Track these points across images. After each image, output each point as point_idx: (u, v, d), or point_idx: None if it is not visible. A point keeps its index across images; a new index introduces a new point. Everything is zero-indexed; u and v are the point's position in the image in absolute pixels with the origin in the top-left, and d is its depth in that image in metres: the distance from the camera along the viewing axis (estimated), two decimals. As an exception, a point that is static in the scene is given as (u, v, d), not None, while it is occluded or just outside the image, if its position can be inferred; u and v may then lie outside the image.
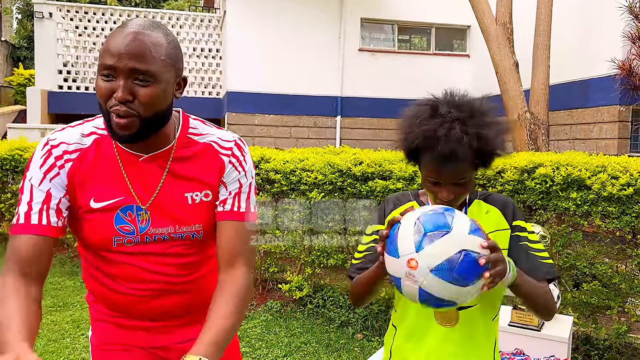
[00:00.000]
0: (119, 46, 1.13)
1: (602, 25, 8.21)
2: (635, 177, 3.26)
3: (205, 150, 1.33)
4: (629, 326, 3.57)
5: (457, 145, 1.29)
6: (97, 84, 1.18)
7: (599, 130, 8.56)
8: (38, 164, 1.23)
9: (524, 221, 1.48)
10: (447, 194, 1.36)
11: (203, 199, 1.31)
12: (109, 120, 1.18)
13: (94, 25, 12.65)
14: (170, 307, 1.34)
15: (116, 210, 1.25)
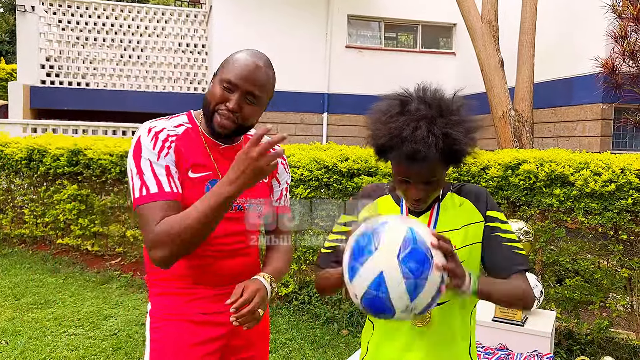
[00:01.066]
0: (246, 71, 1.50)
1: (586, 23, 8.30)
2: (618, 173, 3.30)
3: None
4: (610, 321, 3.62)
5: (422, 145, 1.25)
6: (213, 90, 1.52)
7: (582, 128, 8.66)
8: (150, 146, 1.49)
9: (497, 211, 1.46)
10: (417, 192, 1.35)
11: (263, 180, 1.64)
12: (212, 118, 1.52)
13: (78, 19, 12.47)
14: (234, 268, 1.59)
15: (207, 181, 1.54)
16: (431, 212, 1.45)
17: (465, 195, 1.47)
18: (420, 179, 1.33)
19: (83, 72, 12.25)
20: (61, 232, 6.05)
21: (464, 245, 1.41)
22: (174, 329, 1.56)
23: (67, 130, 10.24)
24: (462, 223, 1.41)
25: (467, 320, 1.47)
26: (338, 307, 4.43)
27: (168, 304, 1.58)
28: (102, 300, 4.74)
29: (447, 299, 1.37)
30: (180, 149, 1.53)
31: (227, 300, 1.40)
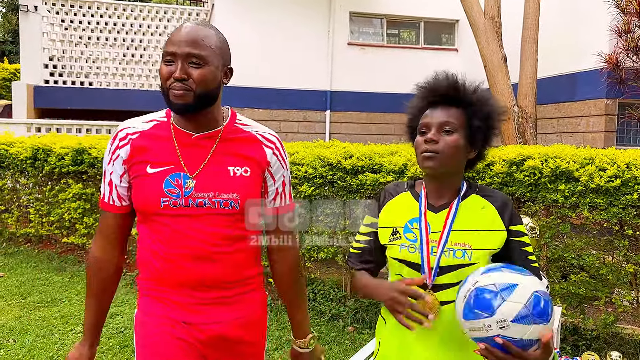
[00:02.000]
0: (178, 37, 1.43)
1: (589, 19, 8.27)
2: (623, 169, 3.30)
3: (249, 137, 1.58)
4: (616, 316, 3.62)
5: (449, 85, 1.47)
6: (160, 69, 1.46)
7: (586, 124, 8.64)
8: (108, 149, 1.55)
9: (520, 224, 1.48)
10: (433, 133, 1.42)
11: (243, 173, 1.53)
12: (168, 96, 1.44)
13: (80, 19, 12.48)
14: (204, 274, 1.50)
15: (166, 176, 1.48)
16: (450, 209, 1.46)
17: (490, 201, 1.47)
18: (439, 118, 1.44)
19: (86, 71, 12.27)
20: (66, 231, 6.08)
21: (480, 248, 1.41)
22: (153, 328, 1.52)
23: (71, 129, 10.27)
24: (482, 227, 1.43)
25: None
26: (343, 304, 4.44)
27: (147, 307, 1.55)
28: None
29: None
30: (139, 145, 1.50)
31: None
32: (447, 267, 1.41)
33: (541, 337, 1.20)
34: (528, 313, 1.19)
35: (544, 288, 1.26)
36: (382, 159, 4.14)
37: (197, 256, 1.48)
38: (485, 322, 1.21)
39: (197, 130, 1.51)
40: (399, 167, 4.02)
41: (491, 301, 1.21)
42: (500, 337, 1.19)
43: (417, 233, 1.45)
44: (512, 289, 1.21)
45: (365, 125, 12.11)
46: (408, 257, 1.45)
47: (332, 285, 4.67)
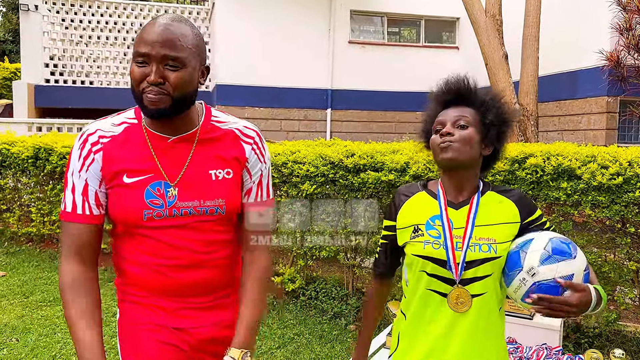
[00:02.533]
0: (152, 36, 1.30)
1: (590, 16, 8.26)
2: (625, 166, 3.29)
3: (227, 135, 1.49)
4: (618, 314, 3.62)
5: (462, 86, 1.52)
6: (131, 69, 1.34)
7: (587, 121, 8.63)
8: (77, 155, 1.40)
9: (536, 211, 1.54)
10: (449, 127, 1.46)
11: (225, 176, 1.46)
12: (141, 100, 1.34)
13: (81, 18, 12.49)
14: (195, 282, 1.44)
15: (146, 186, 1.38)
16: (470, 205, 1.50)
17: (507, 197, 1.53)
18: (453, 114, 1.49)
19: (87, 70, 12.28)
20: (68, 230, 6.07)
21: (504, 241, 1.46)
22: (141, 336, 1.45)
23: (72, 128, 10.28)
24: (503, 220, 1.48)
25: (498, 313, 1.51)
26: (345, 302, 4.44)
27: (131, 314, 1.48)
28: (110, 297, 4.76)
29: (486, 289, 1.45)
30: (112, 153, 1.39)
31: None
32: (473, 262, 1.44)
33: (574, 272, 1.34)
34: (549, 255, 1.37)
35: (559, 235, 1.44)
36: (383, 157, 4.14)
37: (187, 265, 1.42)
38: (520, 277, 1.38)
39: (173, 133, 1.42)
40: (400, 165, 4.02)
41: (517, 259, 1.40)
42: (537, 285, 1.35)
43: (440, 229, 1.48)
44: (530, 242, 1.41)
45: (367, 123, 12.10)
46: (433, 253, 1.47)
47: (334, 283, 4.67)
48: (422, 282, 1.49)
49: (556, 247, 1.38)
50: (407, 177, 3.98)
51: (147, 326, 1.45)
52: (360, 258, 4.45)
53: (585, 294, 1.32)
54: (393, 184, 3.99)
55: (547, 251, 1.37)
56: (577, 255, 1.38)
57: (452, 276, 1.45)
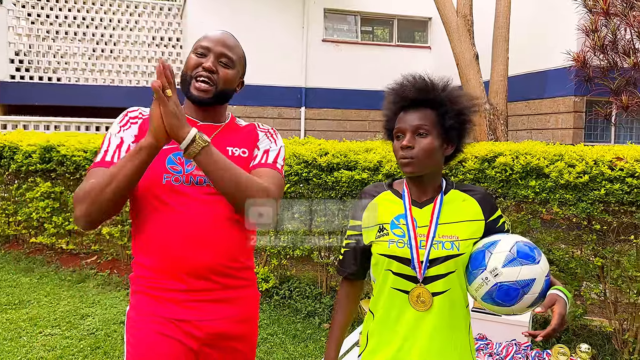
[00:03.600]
0: (215, 36, 1.59)
1: (558, 18, 8.45)
2: (591, 165, 3.38)
3: (247, 127, 1.72)
4: (584, 309, 3.71)
5: (421, 88, 1.50)
6: (189, 58, 1.58)
7: (555, 121, 8.83)
8: (117, 122, 1.58)
9: (497, 210, 1.56)
10: (408, 139, 1.47)
11: (241, 154, 1.61)
12: (189, 84, 1.56)
13: (48, 13, 12.17)
14: (201, 260, 1.50)
15: (169, 154, 1.53)
16: (434, 204, 1.52)
17: (470, 194, 1.56)
18: (413, 121, 1.48)
19: (54, 66, 11.97)
20: (34, 230, 5.93)
21: (467, 238, 1.48)
22: (146, 328, 1.51)
23: (39, 126, 10.02)
24: (466, 218, 1.51)
25: (464, 310, 1.53)
26: (319, 300, 4.44)
27: (140, 305, 1.54)
28: (78, 299, 4.66)
29: (449, 286, 1.46)
30: (147, 126, 1.50)
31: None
32: (436, 260, 1.46)
33: (535, 276, 1.38)
34: (514, 257, 1.39)
35: (525, 239, 1.47)
36: (357, 156, 4.15)
37: (195, 238, 1.49)
38: (482, 276, 1.41)
39: (203, 120, 1.62)
40: (374, 164, 4.04)
41: (482, 258, 1.43)
42: (498, 285, 1.38)
43: (404, 228, 1.50)
44: (496, 244, 1.44)
45: (341, 122, 12.13)
46: (397, 252, 1.48)
47: (308, 282, 4.67)
48: (388, 281, 1.51)
49: (521, 251, 1.41)
50: (380, 176, 4.00)
51: (153, 318, 1.51)
52: (334, 257, 4.46)
53: (560, 303, 1.36)
54: (366, 182, 4.00)
55: (512, 254, 1.40)
56: (541, 261, 1.41)
57: (416, 274, 1.46)
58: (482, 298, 1.43)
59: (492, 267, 1.40)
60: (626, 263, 3.42)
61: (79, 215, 1.41)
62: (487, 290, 1.40)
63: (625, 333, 3.50)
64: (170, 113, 1.35)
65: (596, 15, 6.59)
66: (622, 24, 6.37)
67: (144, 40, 12.59)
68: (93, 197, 1.39)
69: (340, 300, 1.67)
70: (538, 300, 1.41)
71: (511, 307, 1.41)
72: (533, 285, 1.38)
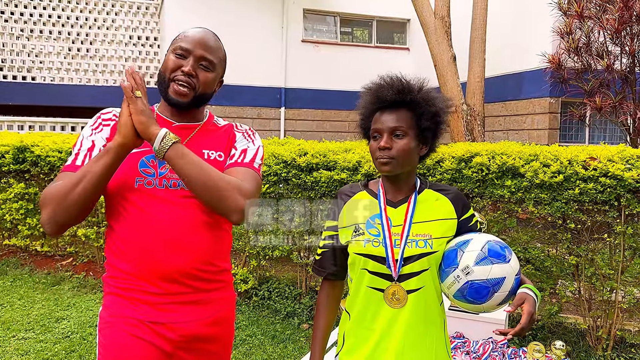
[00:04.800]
0: (196, 37, 1.53)
1: (534, 20, 8.58)
2: (565, 165, 3.44)
3: (224, 127, 1.68)
4: (559, 307, 3.78)
5: (397, 88, 1.51)
6: (167, 59, 1.53)
7: (531, 121, 8.97)
8: (89, 125, 1.56)
9: (469, 209, 1.60)
10: (384, 140, 1.48)
11: (217, 158, 1.57)
12: (167, 87, 1.52)
13: (22, 11, 11.92)
14: (175, 265, 1.47)
15: (142, 157, 1.49)
16: (408, 203, 1.54)
17: (443, 194, 1.58)
18: (390, 123, 1.49)
19: (28, 65, 11.73)
20: (8, 232, 5.80)
21: (440, 237, 1.51)
22: (119, 330, 1.48)
23: (12, 126, 9.80)
24: (439, 216, 1.54)
25: (438, 307, 1.55)
26: (298, 301, 4.44)
27: (113, 306, 1.51)
28: (53, 302, 4.57)
29: (423, 284, 1.48)
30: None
31: None
32: (410, 258, 1.48)
33: (506, 275, 1.42)
34: (485, 256, 1.43)
35: (497, 238, 1.51)
36: (336, 156, 4.16)
37: (169, 243, 1.46)
38: (454, 274, 1.44)
39: (179, 121, 1.58)
40: (353, 164, 4.05)
41: (454, 257, 1.46)
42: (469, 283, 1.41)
43: (379, 228, 1.52)
44: (468, 242, 1.47)
45: (320, 122, 12.14)
46: (372, 251, 1.50)
47: (288, 283, 4.66)
48: (364, 280, 1.52)
49: (492, 250, 1.44)
50: (359, 176, 4.01)
51: (126, 319, 1.48)
52: (313, 257, 4.46)
53: (529, 302, 1.40)
54: (345, 182, 4.01)
55: (484, 252, 1.43)
56: (511, 260, 1.45)
57: (391, 273, 1.48)
58: (454, 295, 1.46)
59: (463, 265, 1.43)
60: (600, 261, 3.49)
61: (45, 219, 1.38)
62: (458, 288, 1.43)
63: (599, 330, 3.57)
64: (138, 111, 1.35)
65: (570, 18, 6.72)
66: (596, 27, 6.50)
67: (120, 39, 12.42)
68: (59, 200, 1.36)
69: (321, 302, 1.67)
70: (508, 298, 1.44)
71: (482, 305, 1.44)
72: (503, 283, 1.41)
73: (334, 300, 1.68)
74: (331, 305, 1.67)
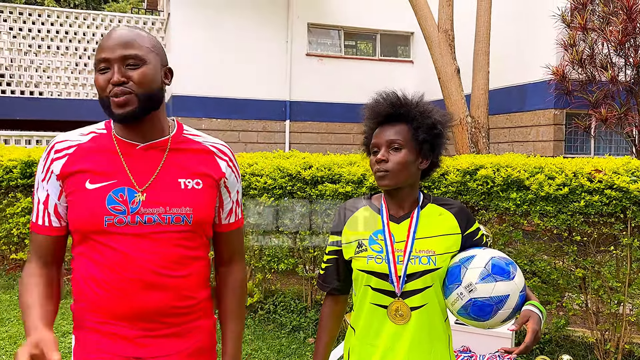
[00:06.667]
0: (109, 42, 1.34)
1: (538, 32, 8.61)
2: (570, 177, 3.43)
3: (202, 150, 1.49)
4: (566, 320, 3.75)
5: (394, 103, 1.53)
6: (95, 79, 1.35)
7: (536, 133, 8.96)
8: (41, 165, 1.40)
9: (474, 223, 1.58)
10: (382, 154, 1.49)
11: (195, 186, 1.43)
12: (109, 106, 1.34)
13: (30, 27, 12.09)
14: (154, 305, 1.37)
15: (108, 192, 1.35)
16: (411, 218, 1.54)
17: (447, 208, 1.57)
18: (388, 136, 1.50)
19: (36, 80, 11.87)
20: (15, 246, 5.82)
21: (443, 253, 1.50)
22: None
23: (20, 140, 9.90)
24: (442, 232, 1.52)
25: (445, 322, 1.55)
26: (304, 315, 4.43)
27: (88, 342, 1.38)
28: (59, 316, 4.58)
29: (427, 301, 1.47)
30: (75, 160, 1.37)
31: None
32: (414, 274, 1.47)
33: (510, 292, 1.41)
34: (488, 273, 1.42)
35: (502, 254, 1.50)
36: (341, 169, 4.17)
37: (146, 283, 1.35)
38: (458, 291, 1.43)
39: (143, 140, 1.40)
40: (357, 177, 4.06)
41: (457, 273, 1.45)
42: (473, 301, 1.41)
43: (382, 244, 1.51)
44: (472, 259, 1.46)
45: (325, 135, 12.18)
46: (375, 267, 1.50)
47: (293, 296, 4.65)
48: (367, 296, 1.52)
49: (496, 266, 1.43)
50: (364, 189, 4.02)
51: (105, 355, 1.36)
52: (319, 270, 4.45)
53: (534, 319, 1.39)
54: (350, 195, 4.02)
55: (487, 270, 1.42)
56: (516, 276, 1.44)
57: (394, 289, 1.48)
58: (458, 312, 1.45)
59: (467, 282, 1.42)
60: (606, 274, 3.47)
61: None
62: (462, 305, 1.43)
63: (607, 343, 3.54)
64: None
65: (574, 30, 6.74)
66: (600, 39, 6.52)
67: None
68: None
69: (324, 317, 1.66)
70: (513, 314, 1.43)
71: (486, 322, 1.43)
72: (507, 300, 1.41)
73: (337, 315, 1.68)
74: (334, 320, 1.67)
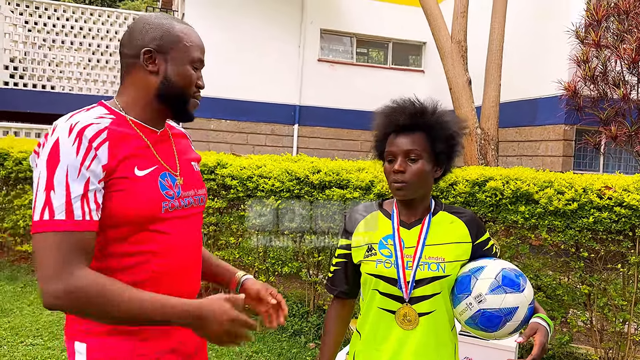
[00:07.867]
0: (202, 45, 1.40)
1: (551, 48, 8.60)
2: (580, 192, 3.42)
3: (183, 134, 1.55)
4: (570, 336, 3.72)
5: (410, 113, 1.50)
6: (186, 72, 1.34)
7: (545, 148, 8.93)
8: (71, 151, 1.16)
9: (485, 233, 1.58)
10: (399, 164, 1.48)
11: (199, 167, 1.53)
12: (187, 102, 1.37)
13: (45, 21, 12.18)
14: (197, 288, 1.41)
15: (157, 177, 1.31)
16: (422, 225, 1.53)
17: (458, 216, 1.57)
18: (404, 146, 1.48)
19: (49, 74, 11.94)
20: (20, 238, 5.85)
21: (453, 260, 1.50)
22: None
23: (30, 133, 9.97)
24: (453, 240, 1.52)
25: (452, 330, 1.54)
26: (305, 319, 4.41)
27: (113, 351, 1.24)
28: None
29: (435, 307, 1.47)
30: (116, 145, 1.23)
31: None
32: (422, 280, 1.47)
33: (519, 305, 1.40)
34: (499, 284, 1.41)
35: (512, 266, 1.49)
36: (349, 175, 4.17)
37: (194, 266, 1.40)
38: (467, 301, 1.43)
39: (158, 127, 1.39)
40: (366, 183, 4.06)
41: (467, 283, 1.44)
42: (482, 312, 1.40)
43: (392, 249, 1.51)
44: (482, 269, 1.45)
45: (333, 140, 12.19)
46: (384, 272, 1.50)
47: (295, 300, 4.64)
48: (375, 300, 1.52)
49: (507, 278, 1.43)
50: (371, 196, 4.01)
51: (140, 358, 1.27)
52: (322, 275, 4.44)
53: (541, 332, 1.39)
54: (358, 201, 4.02)
55: (497, 281, 1.42)
56: (526, 289, 1.43)
57: (402, 294, 1.47)
58: (466, 322, 1.45)
59: (476, 293, 1.42)
60: (612, 292, 3.45)
61: (56, 304, 1.11)
62: (470, 315, 1.43)
63: (611, 361, 3.51)
64: (240, 335, 1.23)
65: (587, 46, 6.73)
66: (613, 56, 6.50)
67: (140, 52, 12.60)
68: (101, 308, 1.12)
69: (330, 320, 1.66)
70: (521, 326, 1.43)
71: (493, 333, 1.43)
72: (516, 313, 1.40)
73: (343, 319, 1.68)
74: (340, 323, 1.67)
